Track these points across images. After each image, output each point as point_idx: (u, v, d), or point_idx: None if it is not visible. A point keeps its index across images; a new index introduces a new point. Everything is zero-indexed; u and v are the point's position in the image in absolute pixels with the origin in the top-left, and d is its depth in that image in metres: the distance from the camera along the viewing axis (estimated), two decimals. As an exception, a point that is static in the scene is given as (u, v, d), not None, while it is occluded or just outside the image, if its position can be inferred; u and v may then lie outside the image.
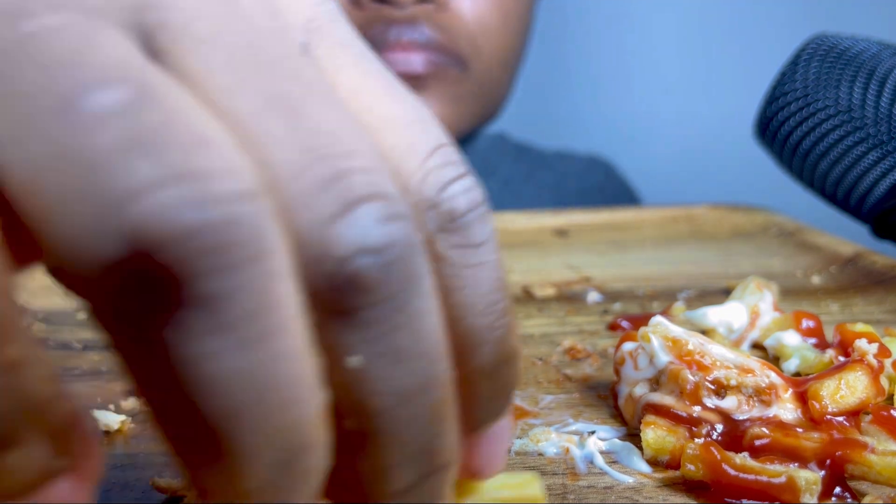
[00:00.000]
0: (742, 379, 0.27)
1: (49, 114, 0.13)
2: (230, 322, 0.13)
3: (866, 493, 0.24)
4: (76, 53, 0.13)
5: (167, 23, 0.15)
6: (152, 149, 0.12)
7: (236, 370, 0.13)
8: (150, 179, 0.12)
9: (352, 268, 0.14)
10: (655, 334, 0.29)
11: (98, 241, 0.12)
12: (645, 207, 0.69)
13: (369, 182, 0.14)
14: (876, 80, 0.45)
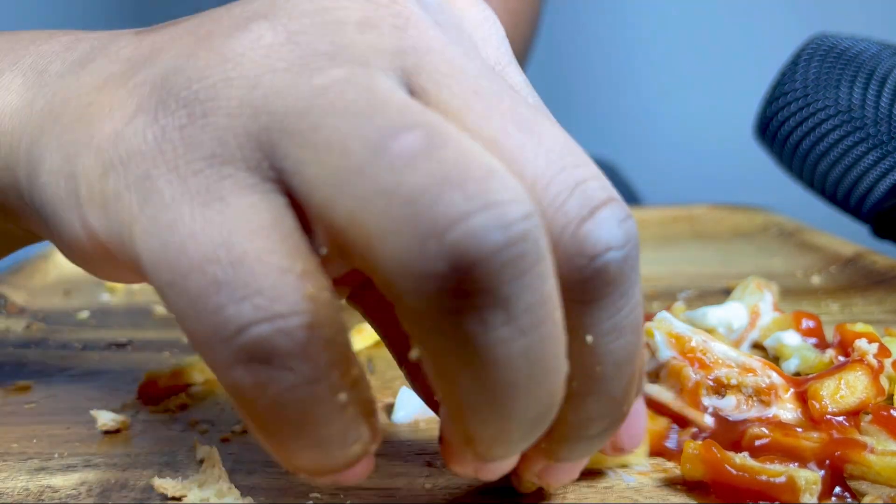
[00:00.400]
0: (743, 378, 0.27)
1: (364, 157, 0.16)
2: (517, 315, 0.16)
3: (866, 492, 0.24)
4: (369, 102, 0.17)
5: (423, 66, 0.19)
6: (457, 182, 0.16)
7: (519, 350, 0.16)
8: (462, 210, 0.15)
9: (601, 262, 0.17)
10: (659, 330, 0.29)
11: (424, 261, 0.15)
12: (645, 207, 0.69)
13: (602, 187, 0.18)
14: (876, 80, 0.45)
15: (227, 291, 0.17)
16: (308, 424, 0.18)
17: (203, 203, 0.18)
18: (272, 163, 0.18)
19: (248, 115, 0.18)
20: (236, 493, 0.24)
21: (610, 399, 0.20)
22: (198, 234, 0.17)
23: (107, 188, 0.19)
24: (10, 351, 0.39)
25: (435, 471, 0.26)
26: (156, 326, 0.43)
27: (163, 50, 0.20)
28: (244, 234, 0.17)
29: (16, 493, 0.26)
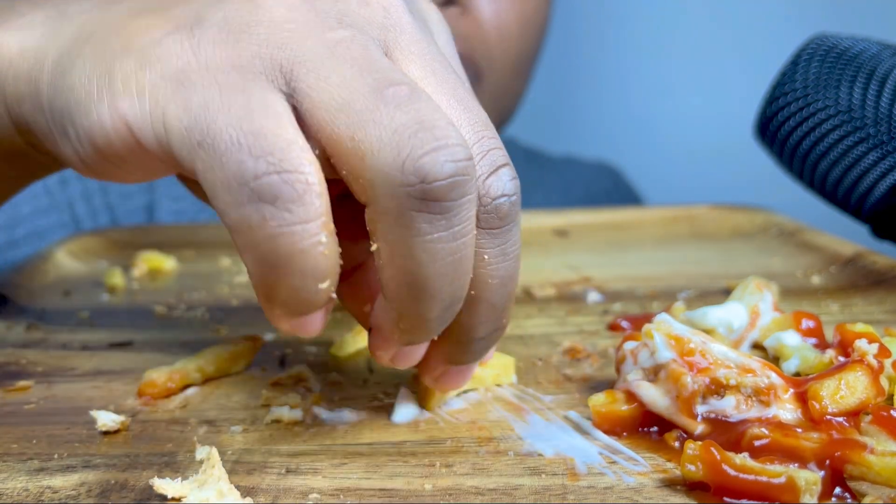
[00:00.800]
0: (741, 379, 0.27)
1: (366, 95, 0.23)
2: (453, 224, 0.24)
3: (866, 493, 0.24)
4: (367, 59, 0.24)
5: (399, 43, 0.26)
6: (428, 126, 0.23)
7: (449, 250, 0.24)
8: (431, 145, 0.23)
9: (499, 202, 0.25)
10: (659, 331, 0.29)
11: (401, 174, 0.23)
12: (645, 207, 0.69)
13: (503, 155, 0.26)
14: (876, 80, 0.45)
15: (247, 150, 0.23)
16: (295, 255, 0.23)
17: (230, 92, 0.24)
18: (288, 83, 0.24)
19: (274, 47, 0.25)
20: (236, 493, 0.24)
21: (494, 307, 0.27)
22: (226, 110, 0.24)
23: (143, 80, 0.25)
24: (10, 351, 0.39)
25: (435, 471, 0.26)
26: (156, 326, 0.43)
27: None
28: (262, 114, 0.23)
29: (15, 494, 0.26)
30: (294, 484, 0.26)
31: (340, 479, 0.26)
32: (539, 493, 0.25)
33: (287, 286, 0.24)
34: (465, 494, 0.25)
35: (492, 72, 0.69)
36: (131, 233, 0.62)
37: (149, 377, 0.33)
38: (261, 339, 0.37)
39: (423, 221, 0.24)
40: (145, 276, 0.53)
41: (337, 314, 0.44)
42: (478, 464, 0.27)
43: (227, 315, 0.44)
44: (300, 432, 0.30)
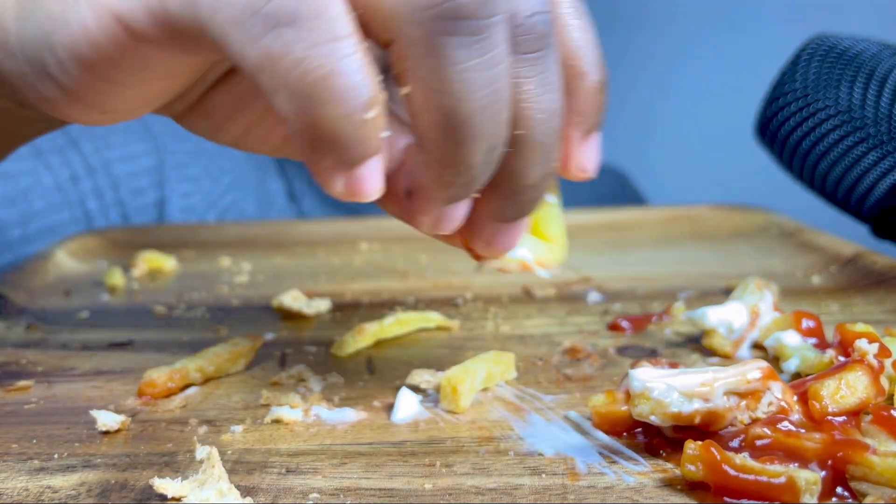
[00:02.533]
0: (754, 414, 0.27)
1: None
2: (488, 48, 0.22)
3: (867, 493, 0.24)
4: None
5: None
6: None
7: (486, 79, 0.22)
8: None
9: (534, 21, 0.23)
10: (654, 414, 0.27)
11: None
12: (645, 207, 0.69)
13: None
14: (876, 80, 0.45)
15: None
16: (330, 77, 0.21)
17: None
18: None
19: None
20: (236, 493, 0.24)
21: (543, 146, 0.25)
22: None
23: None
24: (10, 351, 0.39)
25: (435, 471, 0.26)
26: (156, 326, 0.43)
27: None
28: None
29: (16, 494, 0.26)
30: (294, 484, 0.26)
31: (340, 479, 0.26)
32: (539, 493, 0.25)
33: (330, 120, 0.22)
34: (465, 494, 0.25)
35: None
36: (131, 233, 0.62)
37: (149, 377, 0.33)
38: (261, 338, 0.37)
39: (457, 47, 0.22)
40: (145, 276, 0.53)
41: (337, 314, 0.44)
42: (478, 464, 0.27)
43: (227, 315, 0.44)
44: (300, 432, 0.30)
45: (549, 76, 0.24)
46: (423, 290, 0.48)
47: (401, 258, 0.55)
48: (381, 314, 0.40)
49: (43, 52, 0.25)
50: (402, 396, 0.31)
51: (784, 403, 0.27)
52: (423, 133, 0.23)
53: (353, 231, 0.61)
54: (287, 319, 0.43)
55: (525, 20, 0.23)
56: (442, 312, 0.43)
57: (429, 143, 0.23)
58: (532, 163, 0.25)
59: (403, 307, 0.44)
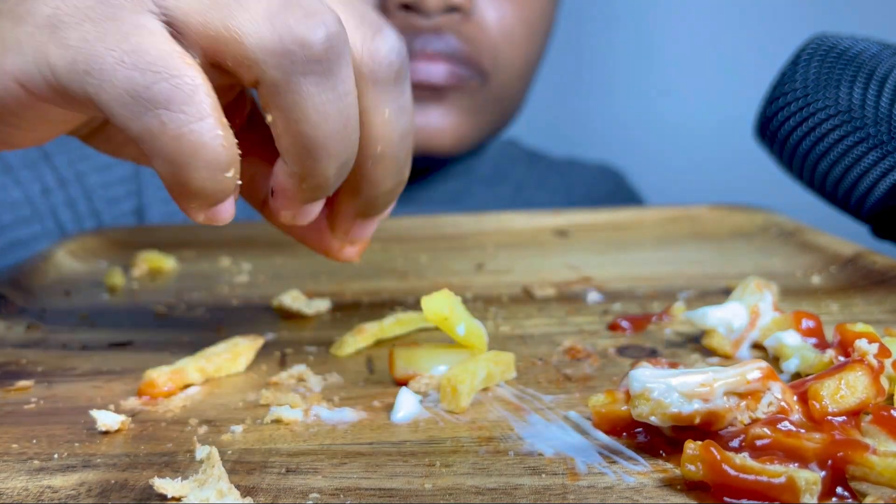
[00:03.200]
0: (754, 414, 0.27)
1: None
2: (337, 84, 0.27)
3: (867, 493, 0.24)
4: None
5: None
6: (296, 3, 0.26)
7: (337, 109, 0.27)
8: (302, 15, 0.26)
9: (391, 60, 0.29)
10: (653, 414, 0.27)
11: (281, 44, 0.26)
12: (645, 207, 0.69)
13: (381, 18, 0.29)
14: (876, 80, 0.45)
15: (132, 66, 0.25)
16: (198, 149, 0.26)
17: (103, 22, 0.26)
18: (156, 2, 0.26)
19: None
20: (236, 493, 0.24)
21: (396, 160, 0.31)
22: (103, 38, 0.26)
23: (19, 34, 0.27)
24: (10, 351, 0.39)
25: (435, 470, 0.26)
26: (156, 326, 0.43)
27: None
28: (138, 34, 0.26)
29: (15, 494, 0.26)
30: (294, 484, 0.26)
31: (340, 479, 0.26)
32: (539, 493, 0.25)
33: (196, 180, 0.27)
34: (465, 494, 0.25)
35: (498, 74, 0.69)
36: (131, 233, 0.62)
37: (149, 377, 0.33)
38: (261, 338, 0.37)
39: (311, 84, 0.27)
40: (145, 276, 0.53)
41: (337, 314, 0.44)
42: (478, 464, 0.27)
43: (227, 315, 0.44)
44: (300, 432, 0.30)
45: (402, 102, 0.30)
46: (423, 290, 0.48)
47: (401, 258, 0.55)
48: (381, 314, 0.40)
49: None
50: (402, 396, 0.31)
51: (784, 403, 0.27)
52: (285, 152, 0.29)
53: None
54: (287, 319, 0.43)
55: (384, 58, 0.29)
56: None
57: (290, 159, 0.29)
58: (388, 173, 0.31)
59: (403, 307, 0.44)
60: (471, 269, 0.52)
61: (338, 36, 0.27)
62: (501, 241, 0.59)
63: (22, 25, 0.27)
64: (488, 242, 0.59)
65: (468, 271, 0.52)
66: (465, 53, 0.66)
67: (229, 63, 0.27)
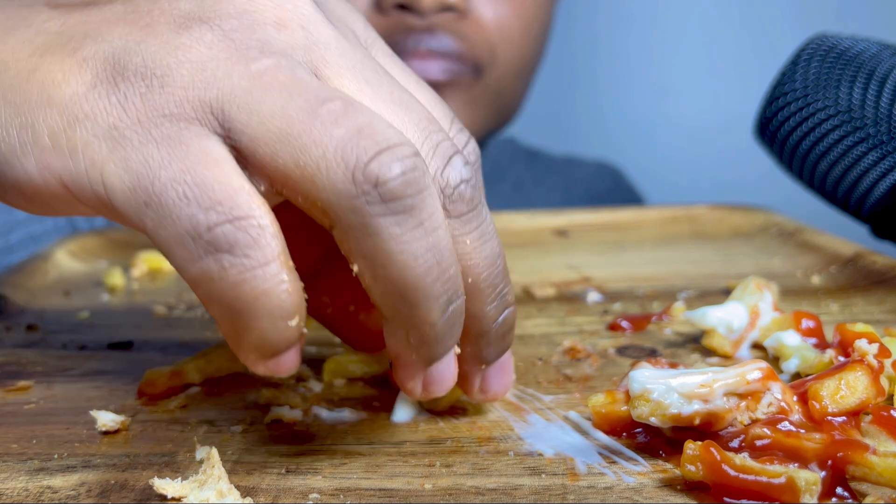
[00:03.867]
0: (754, 415, 0.27)
1: (302, 120, 0.23)
2: (423, 220, 0.24)
3: (867, 493, 0.24)
4: (295, 84, 0.24)
5: (326, 59, 0.26)
6: (368, 134, 0.23)
7: (427, 245, 0.24)
8: (374, 150, 0.23)
9: (460, 189, 0.26)
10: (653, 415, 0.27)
11: (354, 185, 0.23)
12: (645, 207, 0.69)
13: (451, 145, 0.26)
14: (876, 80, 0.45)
15: (196, 203, 0.23)
16: (260, 298, 0.23)
17: (167, 145, 0.23)
18: (221, 123, 0.24)
19: (200, 89, 0.24)
20: (236, 493, 0.24)
21: (493, 287, 0.27)
22: (167, 166, 0.23)
23: (73, 138, 0.24)
24: (10, 351, 0.39)
25: (435, 471, 0.26)
26: (156, 326, 0.43)
27: (100, 31, 0.25)
28: (204, 164, 0.23)
29: (15, 494, 0.26)
30: (294, 484, 0.26)
31: (340, 479, 0.26)
32: (539, 493, 0.25)
33: (257, 330, 0.24)
34: (465, 494, 0.25)
35: (495, 70, 0.69)
36: (131, 233, 0.62)
37: (149, 377, 0.33)
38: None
39: (392, 225, 0.23)
40: (145, 276, 0.53)
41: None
42: (478, 464, 0.27)
43: (227, 315, 0.44)
44: (300, 432, 0.30)
45: (483, 228, 0.27)
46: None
47: (401, 258, 0.55)
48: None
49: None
50: (402, 396, 0.31)
51: (784, 404, 0.27)
52: (380, 304, 0.25)
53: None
54: (287, 319, 0.43)
55: (454, 191, 0.26)
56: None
57: (388, 311, 0.25)
58: (489, 303, 0.27)
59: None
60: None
61: (415, 169, 0.23)
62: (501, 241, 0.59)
63: (78, 128, 0.24)
64: (488, 242, 0.59)
65: (468, 271, 0.52)
66: (460, 51, 0.66)
67: (300, 201, 0.24)
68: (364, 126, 0.23)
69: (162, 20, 0.25)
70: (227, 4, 0.25)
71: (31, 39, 0.26)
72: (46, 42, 0.26)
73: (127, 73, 0.24)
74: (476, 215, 0.26)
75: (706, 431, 0.26)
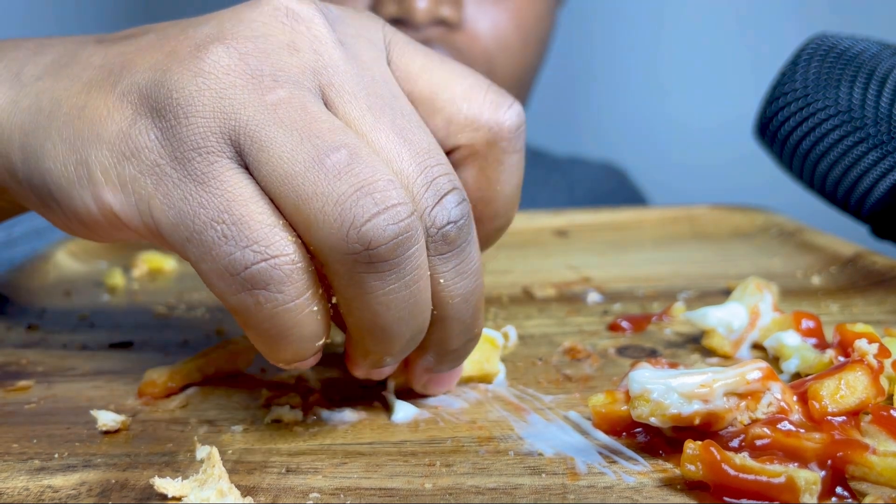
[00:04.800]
0: (754, 414, 0.27)
1: (306, 168, 0.25)
2: (403, 275, 0.25)
3: (867, 493, 0.24)
4: (306, 121, 0.25)
5: (332, 83, 0.27)
6: (368, 192, 0.24)
7: (403, 297, 0.26)
8: (372, 212, 0.24)
9: (445, 230, 0.26)
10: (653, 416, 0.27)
11: (347, 243, 0.24)
12: (645, 207, 0.69)
13: (449, 180, 0.27)
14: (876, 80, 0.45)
15: (234, 243, 0.25)
16: (293, 328, 0.26)
17: (202, 183, 0.25)
18: (240, 155, 0.26)
19: (220, 119, 0.26)
20: (236, 493, 0.25)
21: (461, 322, 0.29)
22: (205, 204, 0.25)
23: (123, 174, 0.27)
24: (10, 351, 0.39)
25: (435, 470, 0.26)
26: (156, 326, 0.43)
27: (134, 62, 0.28)
28: (239, 202, 0.25)
29: (16, 494, 0.26)
30: (294, 483, 0.26)
31: (340, 479, 0.26)
32: (539, 493, 0.25)
33: (290, 350, 0.27)
34: (465, 494, 0.25)
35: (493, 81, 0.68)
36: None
37: (149, 377, 0.33)
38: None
39: (374, 280, 0.25)
40: (145, 277, 0.53)
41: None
42: (478, 463, 0.27)
43: (227, 315, 0.44)
44: (300, 432, 0.30)
45: (463, 267, 0.27)
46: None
47: (401, 258, 0.55)
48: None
49: (49, 201, 0.29)
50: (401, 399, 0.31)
51: (784, 403, 0.27)
52: (350, 328, 0.28)
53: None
54: (287, 319, 0.43)
55: (439, 232, 0.26)
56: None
57: (356, 337, 0.28)
58: (455, 334, 0.29)
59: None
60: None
61: (407, 232, 0.25)
62: (501, 241, 0.59)
63: (126, 165, 0.27)
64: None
65: (468, 271, 0.51)
66: None
67: (298, 232, 0.26)
68: (366, 181, 0.24)
69: (185, 44, 0.27)
70: (245, 28, 0.27)
71: (79, 75, 0.29)
72: (91, 77, 0.28)
73: (158, 105, 0.26)
74: (457, 254, 0.27)
75: (706, 431, 0.27)
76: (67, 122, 0.28)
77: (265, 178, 0.25)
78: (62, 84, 0.29)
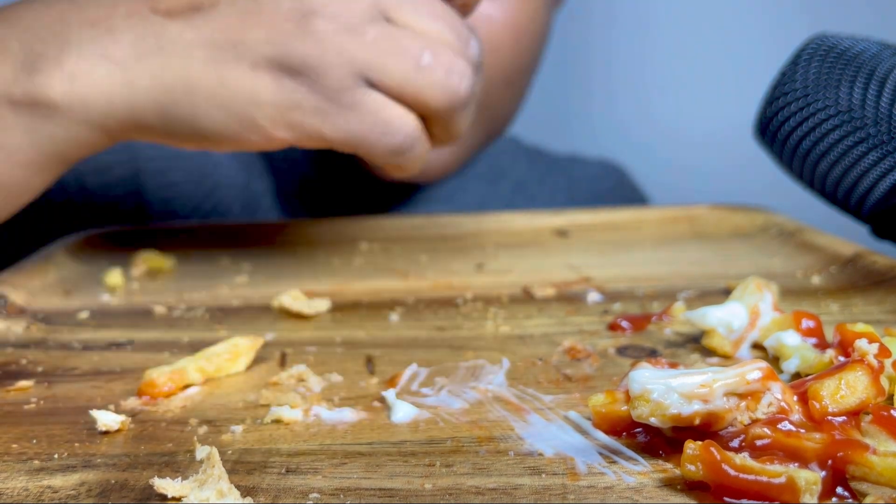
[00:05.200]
0: (754, 414, 0.27)
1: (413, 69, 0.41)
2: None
3: (867, 493, 0.24)
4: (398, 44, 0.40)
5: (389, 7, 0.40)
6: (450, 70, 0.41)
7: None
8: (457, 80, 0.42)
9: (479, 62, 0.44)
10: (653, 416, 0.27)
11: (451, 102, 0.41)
12: (645, 207, 0.69)
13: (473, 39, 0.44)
14: (876, 80, 0.45)
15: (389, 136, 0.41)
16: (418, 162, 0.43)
17: (355, 108, 0.40)
18: (369, 82, 0.40)
19: (348, 66, 0.39)
20: (236, 493, 0.24)
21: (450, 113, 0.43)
22: (363, 120, 0.40)
23: (293, 119, 0.40)
24: (10, 351, 0.39)
25: (435, 470, 0.26)
26: (156, 326, 0.43)
27: (243, 40, 0.39)
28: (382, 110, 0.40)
29: (16, 494, 0.26)
30: (294, 484, 0.26)
31: (340, 479, 0.26)
32: (539, 493, 0.25)
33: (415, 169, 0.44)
34: (465, 494, 0.25)
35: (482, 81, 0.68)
36: (131, 233, 0.62)
37: (149, 377, 0.33)
38: (261, 338, 0.37)
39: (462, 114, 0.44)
40: (145, 276, 0.53)
41: (337, 314, 0.44)
42: (478, 463, 0.27)
43: (226, 315, 0.44)
44: (300, 432, 0.30)
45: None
46: (423, 290, 0.48)
47: (401, 258, 0.55)
48: (381, 314, 0.40)
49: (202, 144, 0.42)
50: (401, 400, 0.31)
51: (784, 403, 0.27)
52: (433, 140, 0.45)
53: (353, 231, 0.61)
54: (287, 319, 0.43)
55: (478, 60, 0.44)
56: (442, 312, 0.43)
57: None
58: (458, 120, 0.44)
59: (404, 307, 0.44)
60: (471, 269, 0.52)
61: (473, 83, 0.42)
62: (501, 241, 0.59)
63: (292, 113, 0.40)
64: (488, 242, 0.59)
65: (468, 271, 0.52)
66: None
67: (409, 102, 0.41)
68: (448, 65, 0.40)
69: (279, 19, 0.39)
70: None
71: (188, 54, 0.39)
72: (205, 56, 0.39)
73: (294, 68, 0.39)
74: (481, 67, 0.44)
75: (706, 431, 0.27)
76: (213, 94, 0.39)
77: (389, 88, 0.39)
78: (176, 63, 0.39)
